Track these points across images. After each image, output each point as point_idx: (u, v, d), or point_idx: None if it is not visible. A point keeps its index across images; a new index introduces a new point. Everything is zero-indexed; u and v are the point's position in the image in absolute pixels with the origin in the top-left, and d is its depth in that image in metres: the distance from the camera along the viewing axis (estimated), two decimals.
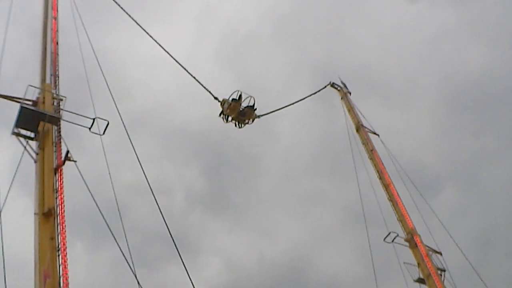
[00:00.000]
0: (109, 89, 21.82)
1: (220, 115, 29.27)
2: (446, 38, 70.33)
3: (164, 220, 18.88)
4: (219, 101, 28.96)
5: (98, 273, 52.10)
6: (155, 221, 19.51)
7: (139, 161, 20.28)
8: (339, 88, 38.04)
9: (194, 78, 29.28)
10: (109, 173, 19.77)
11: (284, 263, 59.69)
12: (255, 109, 29.19)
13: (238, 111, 28.71)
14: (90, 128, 19.55)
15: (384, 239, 29.28)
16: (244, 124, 29.48)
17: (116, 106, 21.30)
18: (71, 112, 19.51)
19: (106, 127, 19.78)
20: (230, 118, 29.20)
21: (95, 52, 22.96)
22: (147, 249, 54.10)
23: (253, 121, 29.42)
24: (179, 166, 67.52)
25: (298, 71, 71.40)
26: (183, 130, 65.23)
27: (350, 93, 37.70)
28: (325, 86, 37.98)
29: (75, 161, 18.33)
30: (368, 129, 34.99)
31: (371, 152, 33.08)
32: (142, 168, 20.24)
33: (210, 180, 66.60)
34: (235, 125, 29.54)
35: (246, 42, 73.46)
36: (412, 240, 28.30)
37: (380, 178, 31.65)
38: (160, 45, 28.87)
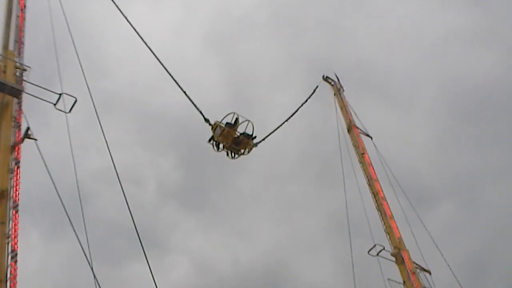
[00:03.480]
0: (79, 61, 21.37)
1: (209, 141, 27.36)
2: (455, 39, 70.12)
3: (130, 212, 18.72)
4: (210, 124, 26.90)
5: (53, 266, 51.60)
6: (122, 213, 19.27)
7: (107, 144, 20.10)
8: (332, 83, 37.75)
9: (182, 89, 27.28)
10: (72, 155, 19.41)
11: (260, 268, 59.77)
12: (254, 137, 27.51)
13: (233, 139, 26.90)
14: (55, 104, 19.04)
15: (369, 251, 29.05)
16: (239, 155, 27.60)
17: (85, 81, 20.99)
18: (35, 84, 19.03)
19: (73, 104, 19.25)
20: (221, 146, 27.26)
21: (67, 19, 22.43)
22: (111, 243, 53.79)
23: (249, 151, 27.59)
24: (153, 154, 67.39)
25: (291, 62, 71.38)
26: (162, 115, 64.89)
27: (343, 89, 37.45)
28: (316, 87, 37.33)
29: (35, 140, 17.88)
30: (360, 130, 34.77)
31: (362, 156, 32.79)
32: (110, 153, 20.01)
33: (187, 173, 66.43)
34: (227, 155, 27.67)
35: (238, 26, 73.18)
36: (399, 255, 28.06)
37: (369, 185, 31.37)
38: (142, 39, 27.55)
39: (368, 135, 34.97)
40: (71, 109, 19.22)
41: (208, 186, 65.39)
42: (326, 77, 37.96)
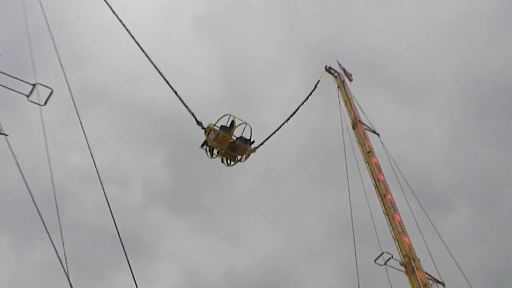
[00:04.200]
0: (55, 48, 21.24)
1: (202, 146, 27.20)
2: (473, 26, 68.96)
3: (112, 216, 18.71)
4: (203, 127, 26.82)
5: (26, 276, 51.43)
6: (105, 217, 19.18)
7: (86, 140, 20.19)
8: (336, 75, 37.54)
9: (172, 88, 27.20)
10: (47, 152, 19.46)
11: (257, 276, 59.44)
12: (252, 142, 27.31)
13: (229, 145, 26.61)
14: (28, 96, 18.96)
15: (376, 260, 28.81)
16: (235, 162, 27.37)
17: (62, 70, 20.82)
18: (6, 74, 18.88)
19: (49, 96, 19.43)
20: (216, 152, 27.05)
21: (41, 1, 22.28)
22: (91, 251, 53.58)
23: (246, 158, 27.45)
24: (139, 152, 66.95)
25: (291, 51, 70.96)
26: (148, 109, 64.45)
27: (351, 80, 37.41)
28: (317, 83, 37.07)
29: (6, 135, 17.87)
30: (367, 126, 34.61)
31: (368, 155, 32.61)
32: (90, 150, 20.02)
33: (177, 172, 66.12)
34: (222, 161, 27.41)
35: (232, 10, 72.86)
36: (409, 264, 27.74)
37: (376, 187, 31.17)
38: (126, 28, 27.39)
39: (375, 132, 34.85)
40: (46, 101, 19.28)
41: (200, 186, 65.01)
42: (329, 68, 37.80)
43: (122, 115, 66.31)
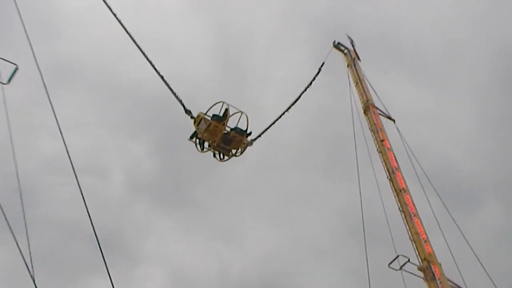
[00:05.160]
0: (20, 16, 21.00)
1: (191, 138, 27.19)
2: None
3: (88, 211, 18.44)
4: (192, 116, 26.85)
5: None
6: (81, 213, 18.90)
7: (58, 124, 20.04)
8: (345, 51, 37.43)
9: (157, 72, 27.49)
10: (11, 138, 19.53)
11: (254, 280, 59.45)
12: (249, 133, 27.18)
13: (222, 137, 26.56)
14: None
15: (390, 264, 28.63)
16: (229, 157, 27.34)
17: (29, 42, 20.61)
18: None
19: (13, 73, 19.55)
20: (207, 145, 26.99)
21: None
22: (64, 251, 53.44)
23: (242, 151, 27.45)
24: (121, 138, 66.73)
25: (295, 23, 70.71)
26: (132, 90, 64.21)
27: (359, 59, 37.18)
28: (322, 65, 37.05)
29: None
30: (380, 111, 34.54)
31: (381, 143, 32.50)
32: (62, 136, 19.85)
33: (163, 162, 66.04)
34: (214, 156, 27.35)
35: None
36: (428, 269, 27.52)
37: (391, 180, 31.07)
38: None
39: (390, 118, 34.81)
40: (10, 79, 19.37)
41: (190, 178, 64.75)
42: (338, 43, 37.64)
43: (102, 95, 66.18)
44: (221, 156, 27.49)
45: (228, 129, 26.68)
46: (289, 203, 63.67)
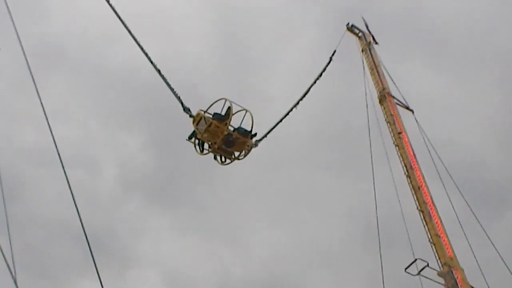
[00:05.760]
0: None
1: (190, 138, 27.02)
2: None
3: (77, 208, 18.26)
4: (191, 115, 26.69)
5: None
6: (69, 210, 18.76)
7: (44, 113, 19.78)
8: (360, 35, 37.34)
9: (154, 65, 27.50)
10: None
11: (258, 285, 59.60)
12: (254, 134, 26.93)
13: (224, 138, 26.22)
14: None
15: (407, 268, 28.34)
16: (231, 160, 27.09)
17: (13, 23, 20.35)
18: None
19: None
20: (207, 146, 26.75)
21: None
22: (51, 251, 53.43)
23: (246, 154, 27.20)
24: (113, 130, 67.27)
25: (305, 4, 70.36)
26: (124, 75, 64.13)
27: (376, 42, 37.15)
28: (333, 53, 36.69)
29: None
30: (398, 100, 34.44)
31: (398, 136, 32.36)
32: (49, 125, 19.64)
33: (159, 156, 65.98)
34: (215, 158, 27.09)
35: None
36: (450, 275, 27.27)
37: (409, 176, 30.94)
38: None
39: (408, 108, 34.73)
40: None
41: (187, 174, 64.78)
42: (352, 26, 37.60)
43: (92, 82, 66.01)
44: (223, 159, 27.25)
45: (231, 130, 26.27)
46: (295, 202, 63.67)
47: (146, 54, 28.36)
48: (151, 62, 28.14)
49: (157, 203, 66.34)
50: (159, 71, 27.81)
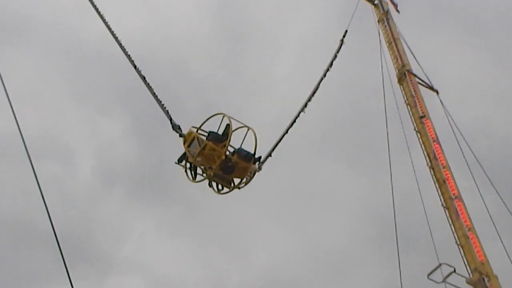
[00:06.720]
0: None
1: (179, 161, 25.97)
2: None
3: (46, 207, 17.98)
4: (181, 135, 25.57)
5: None
6: (37, 209, 18.54)
7: (7, 95, 19.44)
8: (376, 2, 37.52)
9: (135, 66, 27.32)
10: None
11: None
12: (258, 158, 25.80)
13: (221, 163, 24.87)
14: None
15: (430, 274, 28.22)
16: (231, 188, 25.82)
17: None
18: None
19: None
20: (200, 172, 25.54)
21: None
22: (16, 258, 53.26)
23: (248, 182, 25.96)
24: (91, 114, 66.93)
25: None
26: (106, 51, 63.53)
27: (398, 11, 37.18)
28: (345, 33, 36.79)
29: None
30: (420, 79, 34.48)
31: (420, 121, 32.36)
32: (13, 110, 19.35)
33: (144, 146, 65.63)
34: (210, 186, 25.76)
35: None
36: (481, 283, 27.10)
37: (432, 168, 30.96)
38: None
39: (432, 88, 34.84)
40: None
41: (176, 166, 64.53)
42: None
43: (65, 58, 65.53)
44: (219, 187, 26.26)
45: (229, 152, 25.35)
46: (301, 199, 63.30)
47: (126, 52, 27.92)
48: (131, 61, 27.71)
49: (142, 200, 66.10)
50: (143, 78, 27.34)
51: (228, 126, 24.96)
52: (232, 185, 25.72)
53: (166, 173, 64.46)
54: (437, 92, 34.73)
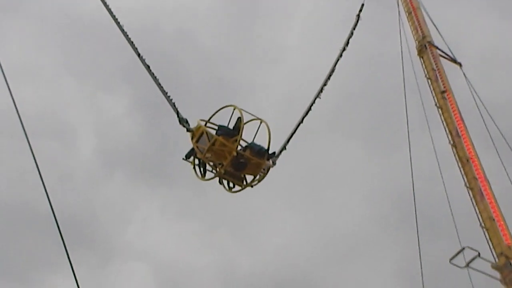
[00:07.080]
0: None
1: (187, 157, 25.40)
2: None
3: (45, 189, 17.80)
4: (188, 129, 24.99)
5: None
6: (36, 191, 18.40)
7: (1, 70, 19.23)
8: None
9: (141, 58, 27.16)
10: None
11: (269, 281, 58.98)
12: (272, 154, 25.12)
13: (233, 159, 24.26)
14: None
15: (452, 258, 28.21)
16: (243, 187, 25.25)
17: None
18: None
19: None
20: (209, 168, 25.07)
21: None
22: (13, 242, 53.28)
23: (261, 179, 25.29)
24: (91, 90, 66.83)
25: None
26: (106, 22, 63.29)
27: None
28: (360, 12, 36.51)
29: None
30: (442, 51, 34.33)
31: (442, 96, 32.24)
32: (8, 85, 19.14)
33: (148, 124, 65.52)
34: (220, 183, 25.32)
35: None
36: (508, 268, 27.04)
37: (454, 146, 30.84)
38: None
39: (455, 61, 34.70)
40: None
41: (183, 145, 64.51)
42: None
43: (64, 31, 65.25)
44: (230, 185, 25.51)
45: (241, 148, 24.26)
46: (315, 181, 62.99)
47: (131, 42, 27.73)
48: (137, 53, 27.52)
49: (146, 181, 65.81)
50: (149, 68, 26.93)
51: (239, 119, 24.25)
52: (245, 182, 25.29)
53: (172, 152, 64.64)
54: (460, 65, 34.63)
